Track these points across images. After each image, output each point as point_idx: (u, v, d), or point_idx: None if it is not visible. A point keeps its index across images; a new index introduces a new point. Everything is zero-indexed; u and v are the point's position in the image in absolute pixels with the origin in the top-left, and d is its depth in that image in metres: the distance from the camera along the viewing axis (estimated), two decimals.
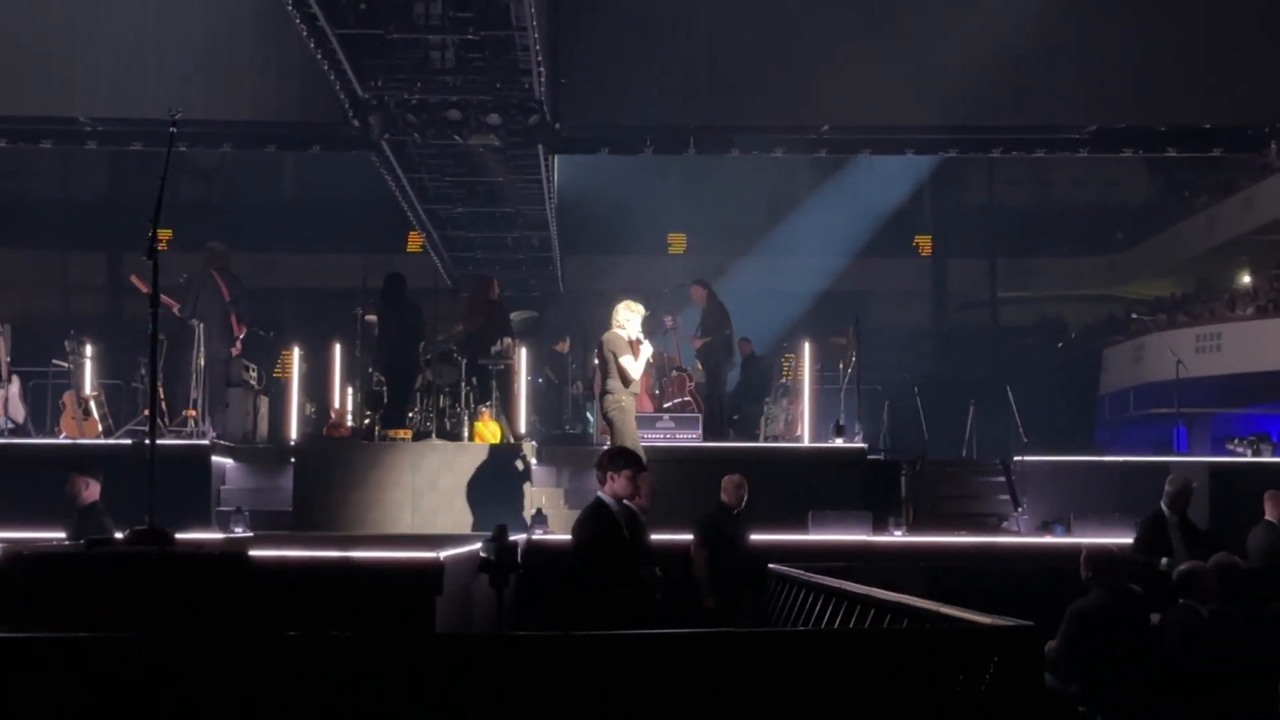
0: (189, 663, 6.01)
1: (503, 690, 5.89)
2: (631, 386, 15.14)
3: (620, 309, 15.26)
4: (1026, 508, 17.26)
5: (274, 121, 25.14)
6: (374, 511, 16.05)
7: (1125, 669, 9.70)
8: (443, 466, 16.32)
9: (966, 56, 23.76)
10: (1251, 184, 35.38)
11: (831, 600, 9.93)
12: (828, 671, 6.27)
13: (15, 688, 5.90)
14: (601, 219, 37.11)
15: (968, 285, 42.71)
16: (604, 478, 9.62)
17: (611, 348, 15.01)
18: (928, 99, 23.99)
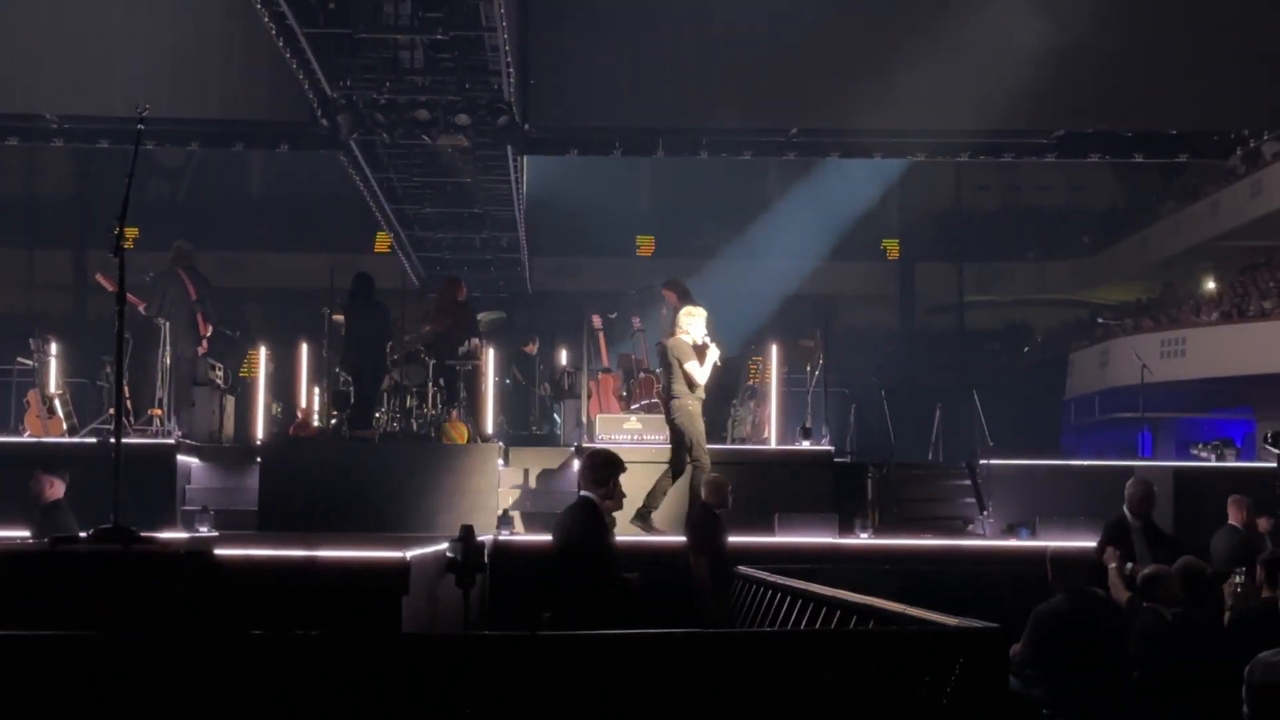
0: (153, 662, 5.98)
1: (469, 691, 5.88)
2: (698, 391, 15.17)
3: (682, 315, 15.37)
4: (992, 511, 17.31)
5: (242, 120, 25.08)
6: (340, 511, 15.98)
7: (1089, 672, 9.73)
8: (409, 467, 16.28)
9: (935, 62, 23.83)
10: (1217, 190, 35.56)
11: (798, 602, 9.93)
12: (794, 673, 6.27)
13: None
14: (570, 220, 37.13)
15: (935, 289, 42.84)
16: (605, 481, 9.53)
17: (676, 353, 15.07)
18: (896, 103, 24.04)
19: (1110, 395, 33.88)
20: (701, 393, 15.38)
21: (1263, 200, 33.42)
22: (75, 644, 6.02)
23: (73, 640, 6.05)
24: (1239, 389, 32.19)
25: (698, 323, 15.36)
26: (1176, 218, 37.92)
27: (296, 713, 5.90)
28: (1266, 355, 30.34)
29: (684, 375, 15.06)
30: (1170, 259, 38.34)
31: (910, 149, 26.93)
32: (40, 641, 6.02)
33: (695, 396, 15.22)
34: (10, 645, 6.01)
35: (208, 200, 40.81)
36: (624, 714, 6.01)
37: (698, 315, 15.45)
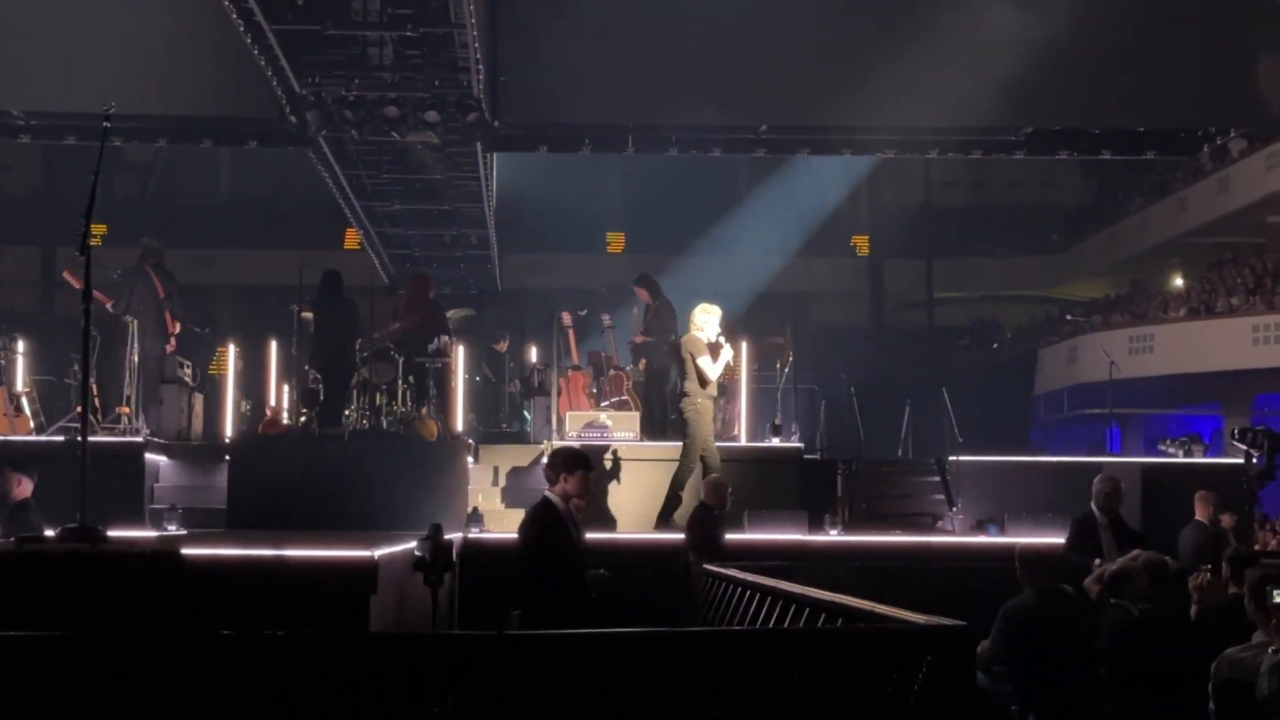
0: (119, 663, 5.96)
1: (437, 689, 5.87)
2: (709, 389, 15.27)
3: (697, 312, 15.45)
4: (961, 507, 17.34)
5: (210, 116, 24.98)
6: (309, 509, 15.90)
7: (1058, 668, 9.77)
8: (379, 465, 16.22)
9: (904, 59, 23.86)
10: (1185, 187, 35.73)
11: (767, 599, 9.94)
12: (763, 671, 6.28)
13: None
14: (540, 217, 37.14)
15: (904, 285, 42.96)
16: (556, 478, 9.55)
17: (689, 349, 15.17)
18: (865, 101, 24.05)
19: (1079, 391, 34.01)
20: (713, 390, 15.49)
21: (1230, 197, 33.63)
22: (41, 644, 5.99)
23: (39, 640, 6.03)
24: (1207, 385, 32.36)
25: (712, 320, 15.49)
26: (1144, 214, 38.10)
27: (264, 713, 5.88)
28: (1234, 351, 30.51)
29: (697, 372, 15.15)
30: (1138, 255, 38.53)
31: (879, 146, 26.96)
32: (6, 642, 5.99)
33: (706, 394, 15.37)
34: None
35: (176, 197, 40.71)
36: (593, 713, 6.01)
37: (713, 313, 15.57)
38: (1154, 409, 34.93)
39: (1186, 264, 37.91)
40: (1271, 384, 31.60)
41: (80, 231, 8.03)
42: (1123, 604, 9.93)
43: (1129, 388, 29.87)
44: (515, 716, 5.94)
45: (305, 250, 27.20)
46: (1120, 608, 9.92)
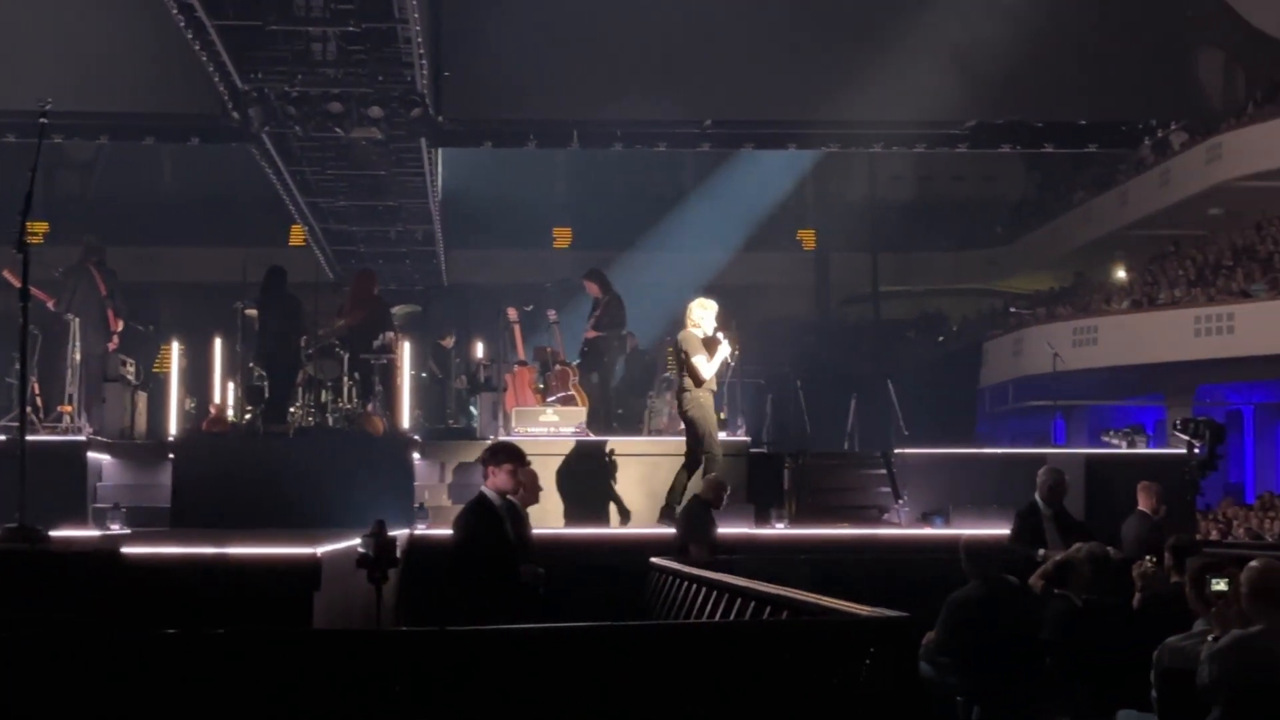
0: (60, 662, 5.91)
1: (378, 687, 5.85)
2: (708, 384, 15.15)
3: (693, 307, 15.36)
4: (907, 500, 17.40)
5: (152, 113, 24.87)
6: (255, 507, 15.78)
7: (1002, 659, 9.81)
8: (324, 461, 16.13)
9: (847, 53, 23.95)
10: (1127, 179, 35.97)
11: (713, 593, 9.96)
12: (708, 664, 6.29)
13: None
14: (486, 213, 37.06)
15: (850, 279, 43.07)
16: (486, 472, 9.58)
17: (686, 346, 15.10)
18: (809, 94, 24.15)
19: (1024, 384, 34.19)
20: (713, 384, 15.40)
21: (1171, 189, 33.85)
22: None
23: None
24: (1150, 376, 32.58)
25: (709, 315, 15.41)
26: (1087, 207, 38.34)
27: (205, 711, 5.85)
28: (1176, 343, 30.73)
29: (690, 369, 15.09)
30: (1082, 248, 38.77)
31: (823, 140, 27.08)
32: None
33: (706, 389, 15.27)
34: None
35: (119, 194, 40.40)
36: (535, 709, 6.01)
37: (709, 308, 15.48)
38: (1098, 400, 35.16)
39: (1129, 256, 38.16)
40: (1213, 375, 31.86)
41: (17, 229, 7.97)
42: (1066, 594, 9.99)
43: (1073, 379, 30.07)
44: (459, 713, 5.92)
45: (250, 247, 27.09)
46: (1064, 598, 9.97)
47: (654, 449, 17.40)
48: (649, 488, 16.75)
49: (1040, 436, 34.66)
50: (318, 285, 18.74)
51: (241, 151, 26.29)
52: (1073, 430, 35.42)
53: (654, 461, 16.97)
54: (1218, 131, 32.61)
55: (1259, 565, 7.11)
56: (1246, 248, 32.68)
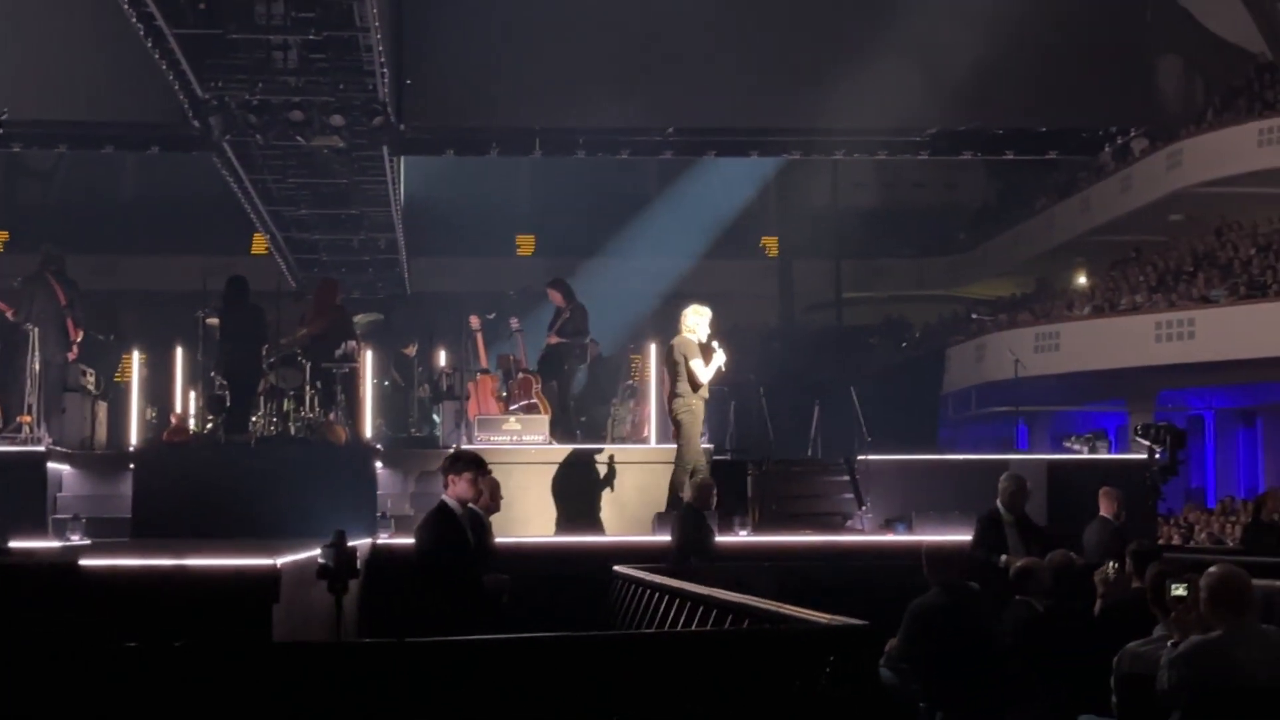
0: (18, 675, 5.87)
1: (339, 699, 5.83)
2: (701, 391, 15.14)
3: (688, 313, 15.38)
4: (870, 506, 17.42)
5: (111, 121, 24.75)
6: (216, 517, 15.72)
7: (964, 665, 9.82)
8: (286, 471, 16.06)
9: (809, 60, 24.01)
10: (1088, 186, 36.12)
11: (675, 601, 9.95)
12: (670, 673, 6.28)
13: None
14: (449, 221, 37.04)
15: (813, 286, 43.11)
16: (446, 480, 9.56)
17: (682, 351, 15.10)
18: (771, 101, 24.20)
19: (986, 390, 34.25)
20: (705, 392, 15.40)
21: (1132, 195, 34.02)
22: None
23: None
24: (1112, 382, 32.71)
25: (703, 321, 15.43)
26: (1049, 214, 38.50)
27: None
28: (1138, 348, 30.86)
29: (688, 373, 15.09)
30: (1043, 254, 38.94)
31: (785, 147, 27.14)
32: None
33: (698, 396, 15.29)
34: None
35: (80, 203, 40.23)
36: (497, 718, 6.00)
37: (704, 314, 15.50)
38: (1060, 406, 35.27)
39: (1091, 262, 38.33)
40: (1175, 380, 32.01)
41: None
42: (1028, 600, 10.01)
43: (1035, 385, 30.15)
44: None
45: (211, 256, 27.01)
46: (1025, 604, 9.99)
47: (617, 457, 17.38)
48: (612, 495, 16.74)
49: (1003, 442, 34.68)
50: (280, 294, 18.67)
51: (202, 160, 26.19)
52: (1035, 436, 35.52)
53: (617, 470, 16.96)
54: (1178, 138, 32.77)
55: (1218, 571, 7.13)
56: (1207, 253, 32.84)
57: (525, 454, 17.01)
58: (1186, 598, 7.36)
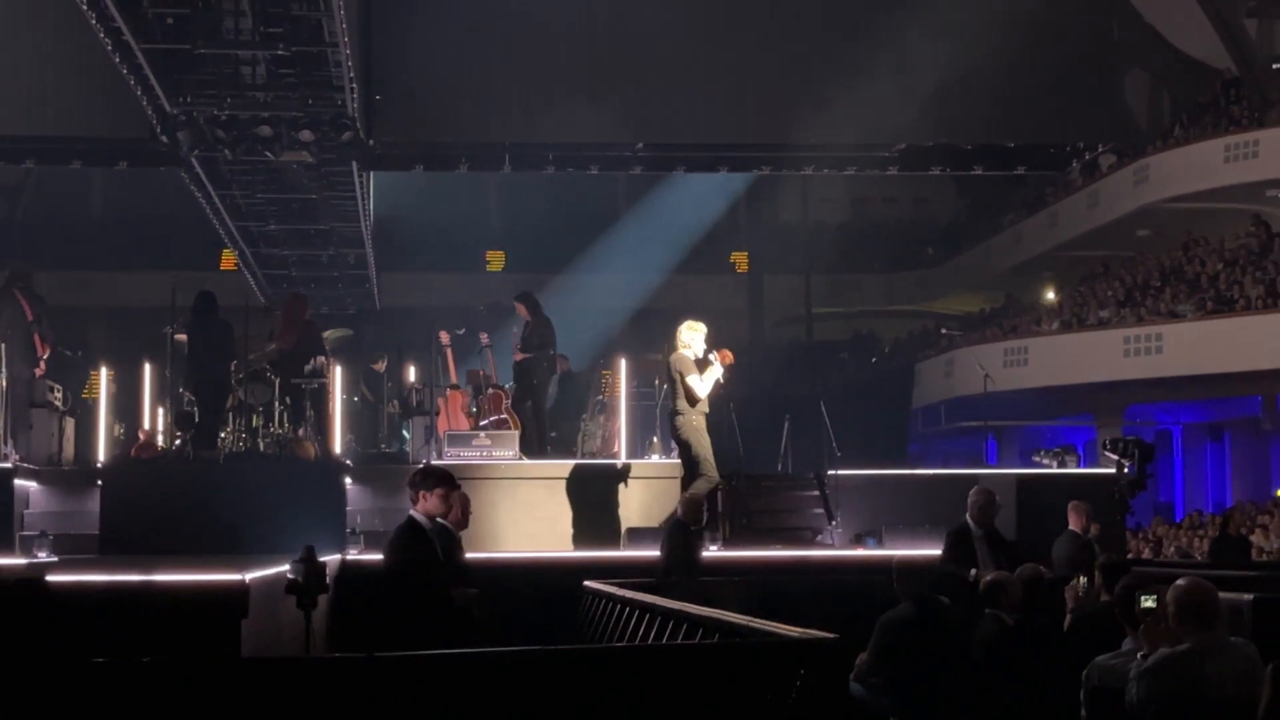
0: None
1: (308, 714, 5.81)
2: (700, 405, 15.17)
3: (683, 329, 15.42)
4: (840, 521, 17.42)
5: (79, 137, 24.63)
6: (185, 534, 15.64)
7: (934, 679, 9.83)
8: (255, 487, 15.99)
9: (777, 75, 24.08)
10: (1056, 201, 36.28)
11: (645, 616, 9.94)
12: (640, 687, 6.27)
13: None
14: (419, 236, 37.00)
15: (783, 301, 43.19)
16: (416, 496, 9.52)
17: (678, 368, 15.14)
18: (740, 116, 24.24)
19: (956, 404, 34.35)
20: (705, 406, 15.42)
21: (1100, 211, 34.20)
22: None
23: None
24: (1080, 397, 32.82)
25: (698, 336, 15.48)
26: (1017, 229, 38.65)
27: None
28: (1106, 363, 30.98)
29: (685, 389, 15.11)
30: (1012, 269, 39.09)
31: (755, 162, 27.16)
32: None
33: (698, 411, 15.32)
34: None
35: (48, 218, 40.08)
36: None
37: (698, 329, 15.55)
38: (1029, 421, 35.37)
39: (1059, 277, 38.48)
40: (1143, 395, 32.13)
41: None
42: (998, 614, 10.02)
43: (1004, 400, 30.25)
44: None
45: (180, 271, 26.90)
46: (995, 618, 10.00)
47: (588, 472, 17.37)
48: (581, 511, 16.72)
49: (972, 457, 34.86)
50: (248, 310, 18.58)
51: (171, 175, 26.12)
52: (1004, 451, 35.63)
53: (587, 485, 16.94)
54: (1145, 153, 32.94)
55: (1186, 584, 7.15)
56: (1174, 268, 32.99)
57: (495, 469, 16.98)
58: (1155, 610, 7.37)
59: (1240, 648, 7.12)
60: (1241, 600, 10.20)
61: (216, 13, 19.64)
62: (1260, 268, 30.29)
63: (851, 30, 24.32)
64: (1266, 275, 29.68)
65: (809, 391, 28.25)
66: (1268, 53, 34.84)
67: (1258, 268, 30.36)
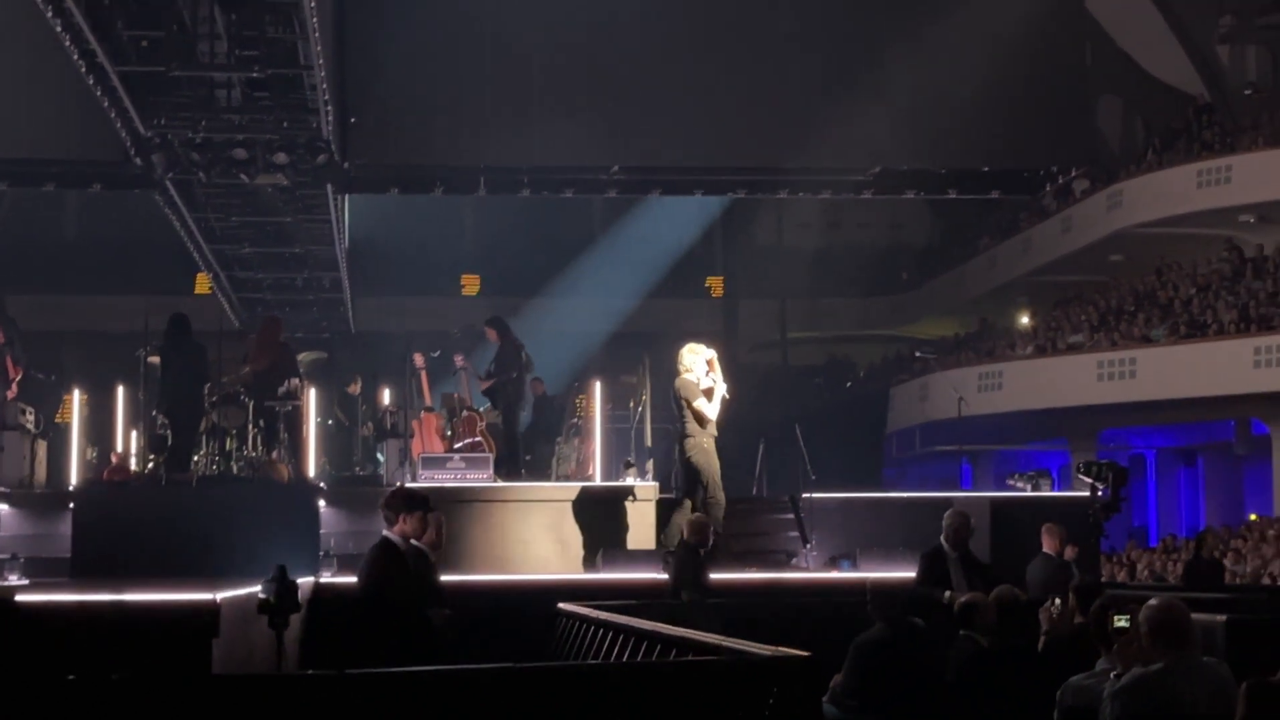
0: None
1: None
2: (709, 428, 15.27)
3: (684, 353, 15.55)
4: (815, 544, 17.42)
5: (53, 159, 24.51)
6: (157, 557, 15.53)
7: (908, 700, 9.82)
8: (228, 510, 15.92)
9: (752, 98, 24.13)
10: (1030, 226, 36.43)
11: (619, 637, 9.92)
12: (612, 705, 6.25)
13: None
14: (394, 259, 36.99)
15: (758, 325, 43.23)
16: (395, 518, 9.49)
17: (683, 393, 15.29)
18: (716, 140, 24.28)
19: (930, 429, 34.41)
20: (713, 429, 15.50)
21: (1074, 236, 34.38)
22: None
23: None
24: (1054, 421, 32.92)
25: (699, 359, 15.63)
26: (991, 254, 38.80)
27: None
28: (1080, 387, 31.08)
29: (694, 413, 15.12)
30: (986, 294, 39.21)
31: (730, 186, 27.18)
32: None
33: (708, 433, 15.47)
34: None
35: (21, 241, 39.93)
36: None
37: (699, 352, 15.68)
38: (1003, 445, 35.45)
39: (1033, 302, 38.62)
40: (1116, 419, 32.25)
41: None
42: (972, 635, 10.03)
43: (979, 424, 30.30)
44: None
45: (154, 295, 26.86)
46: (969, 639, 10.01)
47: (562, 495, 17.35)
48: (557, 534, 16.70)
49: (947, 481, 34.91)
50: (223, 333, 18.55)
51: (145, 198, 26.02)
52: (979, 474, 35.70)
53: (562, 508, 16.92)
54: (1118, 178, 33.15)
55: (1159, 603, 7.16)
56: (1147, 293, 33.14)
57: (470, 492, 16.94)
58: (1128, 630, 7.38)
59: (1213, 668, 7.13)
60: (1215, 621, 10.23)
61: (191, 35, 19.59)
62: (1233, 292, 30.45)
63: (827, 54, 24.40)
64: (1239, 300, 29.83)
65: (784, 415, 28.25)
66: (1240, 79, 35.11)
67: (1230, 292, 30.52)
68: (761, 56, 24.34)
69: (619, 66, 24.21)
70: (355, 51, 23.85)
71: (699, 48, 24.46)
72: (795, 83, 24.24)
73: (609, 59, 24.19)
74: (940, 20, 24.51)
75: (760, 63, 24.30)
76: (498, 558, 16.31)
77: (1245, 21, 34.42)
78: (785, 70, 24.36)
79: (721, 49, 24.50)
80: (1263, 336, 28.23)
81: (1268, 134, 31.75)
